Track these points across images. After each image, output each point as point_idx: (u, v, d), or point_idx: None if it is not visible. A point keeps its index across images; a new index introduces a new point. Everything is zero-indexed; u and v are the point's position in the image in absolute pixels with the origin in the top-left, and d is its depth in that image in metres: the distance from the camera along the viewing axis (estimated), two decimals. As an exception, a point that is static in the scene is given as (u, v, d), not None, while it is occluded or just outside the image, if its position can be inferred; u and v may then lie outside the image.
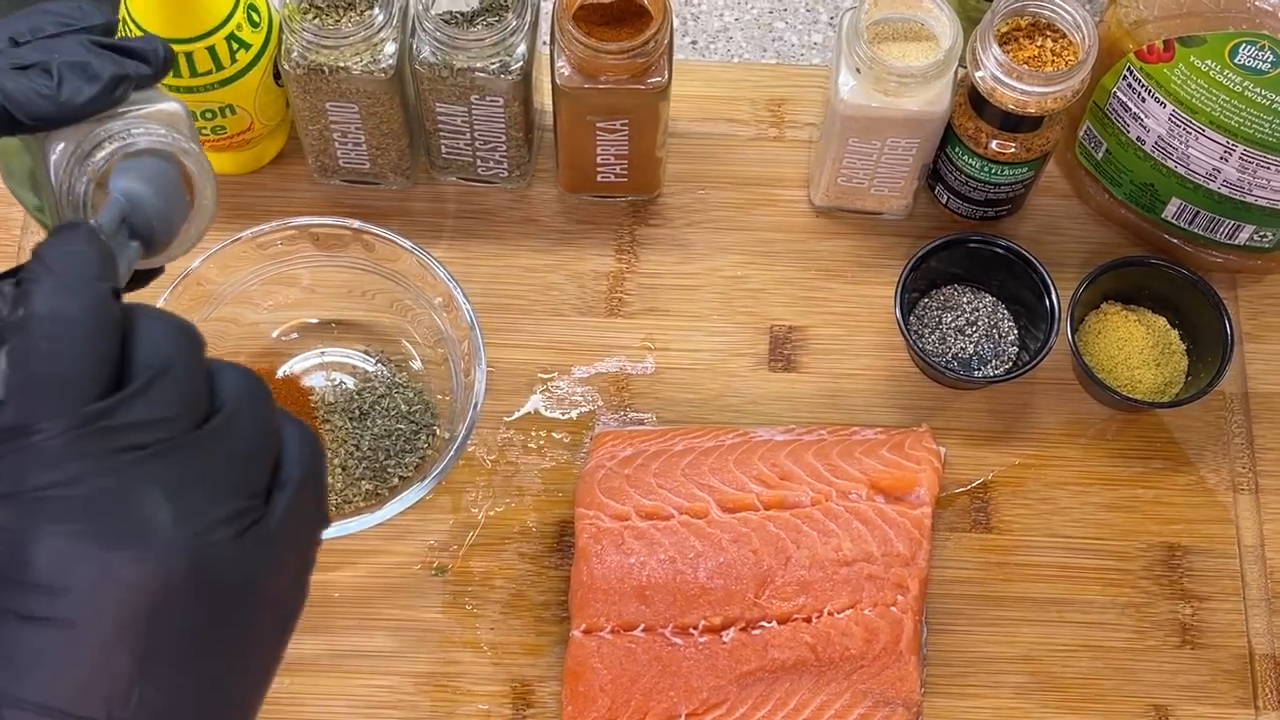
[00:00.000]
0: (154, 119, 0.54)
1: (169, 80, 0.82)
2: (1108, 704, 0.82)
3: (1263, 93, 0.77)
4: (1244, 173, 0.82)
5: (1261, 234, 0.88)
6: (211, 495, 0.41)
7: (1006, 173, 0.86)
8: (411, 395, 0.86)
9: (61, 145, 0.53)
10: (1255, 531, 0.86)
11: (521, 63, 0.82)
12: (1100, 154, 0.89)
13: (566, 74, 0.82)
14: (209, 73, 0.82)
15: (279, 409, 0.45)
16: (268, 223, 0.84)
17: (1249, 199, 0.84)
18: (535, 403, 0.88)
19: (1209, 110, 0.80)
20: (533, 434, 0.87)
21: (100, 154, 0.52)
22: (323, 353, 0.88)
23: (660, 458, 0.84)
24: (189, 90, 0.83)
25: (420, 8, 0.81)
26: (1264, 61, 0.76)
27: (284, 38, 0.82)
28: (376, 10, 0.81)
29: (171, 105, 0.55)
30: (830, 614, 0.79)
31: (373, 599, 0.83)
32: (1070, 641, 0.83)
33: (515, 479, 0.86)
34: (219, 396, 0.43)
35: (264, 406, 0.44)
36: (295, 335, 0.89)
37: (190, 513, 0.40)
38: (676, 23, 1.00)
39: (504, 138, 0.88)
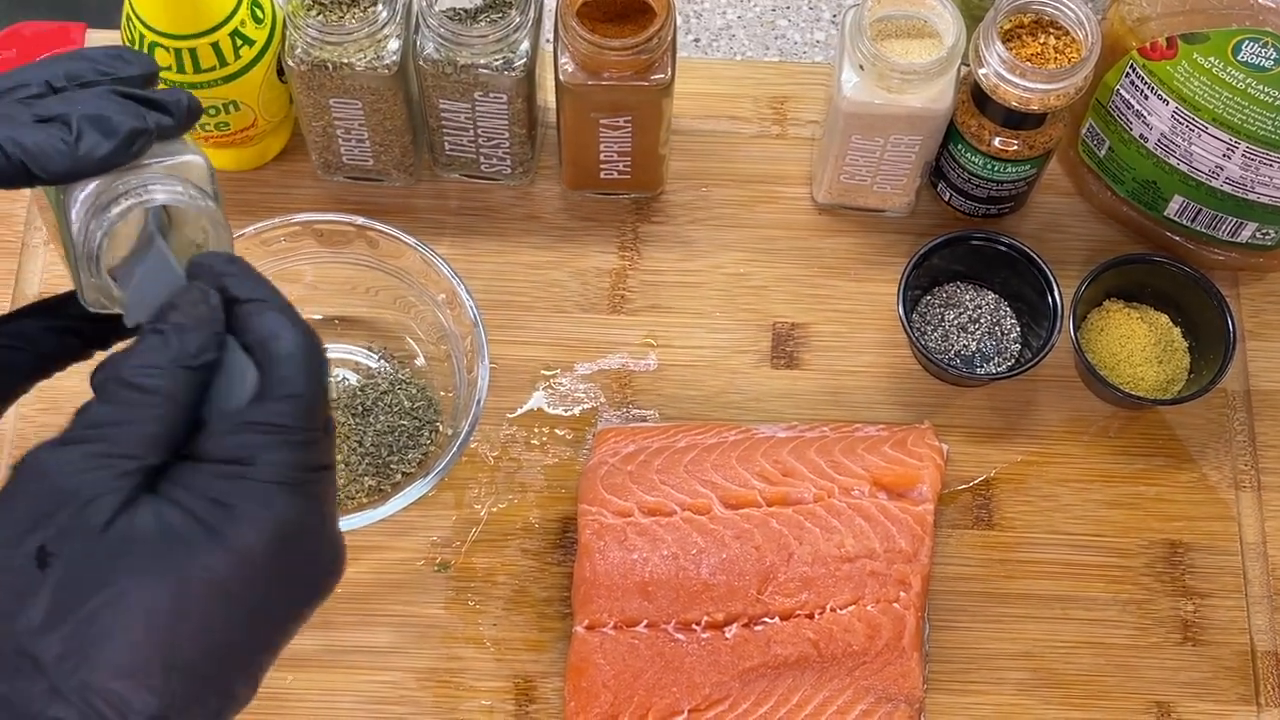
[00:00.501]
0: (174, 172, 0.54)
1: (171, 74, 0.82)
2: (1110, 700, 0.82)
3: (1266, 90, 0.77)
4: (1247, 170, 0.82)
5: (1264, 231, 0.88)
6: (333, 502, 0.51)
7: (1009, 170, 0.86)
8: (414, 392, 0.86)
9: (82, 196, 0.53)
10: (1257, 528, 0.86)
11: (525, 59, 0.82)
12: (1103, 151, 0.89)
13: (570, 70, 0.82)
14: (212, 69, 0.82)
15: None
16: (271, 219, 0.84)
17: (1251, 196, 0.85)
18: (538, 399, 0.88)
19: (1212, 107, 0.80)
20: (535, 430, 0.87)
21: (115, 210, 0.53)
22: (326, 349, 0.88)
23: (663, 454, 0.84)
24: (192, 86, 0.83)
25: (424, 4, 0.81)
26: (1267, 59, 0.76)
27: (288, 34, 0.82)
28: (380, 6, 0.81)
29: (194, 158, 0.55)
30: (833, 610, 0.79)
31: (375, 595, 0.83)
32: (1072, 638, 0.83)
33: (518, 475, 0.86)
34: None
35: None
36: (298, 331, 0.89)
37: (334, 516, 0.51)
38: (679, 20, 1.00)
39: (507, 134, 0.88)
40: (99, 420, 0.47)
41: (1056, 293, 0.86)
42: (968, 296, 0.90)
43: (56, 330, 0.57)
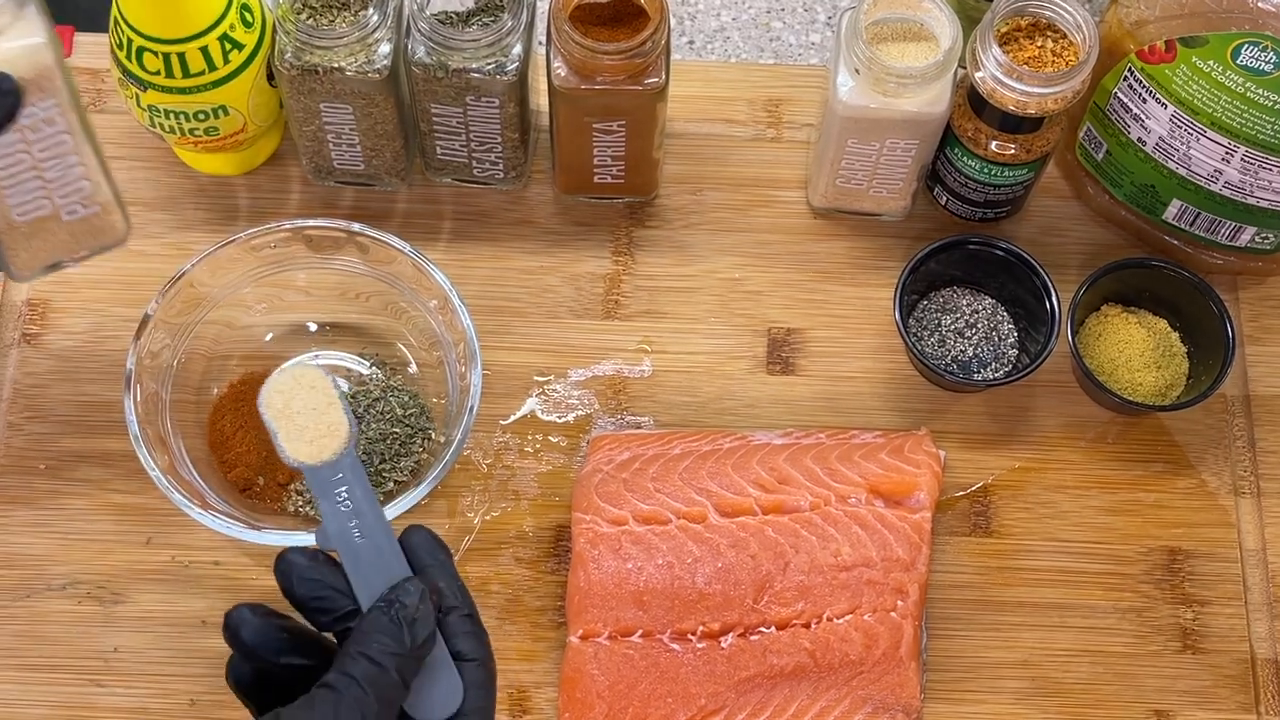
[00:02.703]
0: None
1: (160, 79, 0.81)
2: (1108, 709, 0.82)
3: (1265, 94, 0.77)
4: (1246, 174, 0.82)
5: (1263, 236, 0.87)
6: None
7: (1006, 174, 0.86)
8: (407, 399, 0.85)
9: None
10: (1257, 535, 0.86)
11: (517, 63, 0.81)
12: (1100, 155, 0.88)
13: (563, 75, 0.81)
14: (201, 73, 0.81)
15: None
16: (261, 225, 0.83)
17: (1250, 201, 0.84)
18: (531, 406, 0.87)
19: (1210, 111, 0.79)
20: (529, 438, 0.87)
21: None
22: (317, 356, 0.88)
23: (657, 462, 0.83)
24: (181, 91, 0.82)
25: (415, 8, 0.80)
26: (1266, 62, 0.75)
27: (277, 38, 0.82)
28: (371, 10, 0.81)
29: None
30: (829, 619, 0.79)
31: (368, 604, 0.82)
32: (1071, 646, 0.83)
33: (511, 483, 0.85)
34: None
35: None
36: (289, 338, 0.88)
37: None
38: (673, 22, 0.99)
39: (500, 139, 0.87)
40: (341, 690, 0.53)
41: (1054, 297, 0.85)
42: (965, 301, 0.89)
43: None
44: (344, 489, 0.59)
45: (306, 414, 0.60)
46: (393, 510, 0.78)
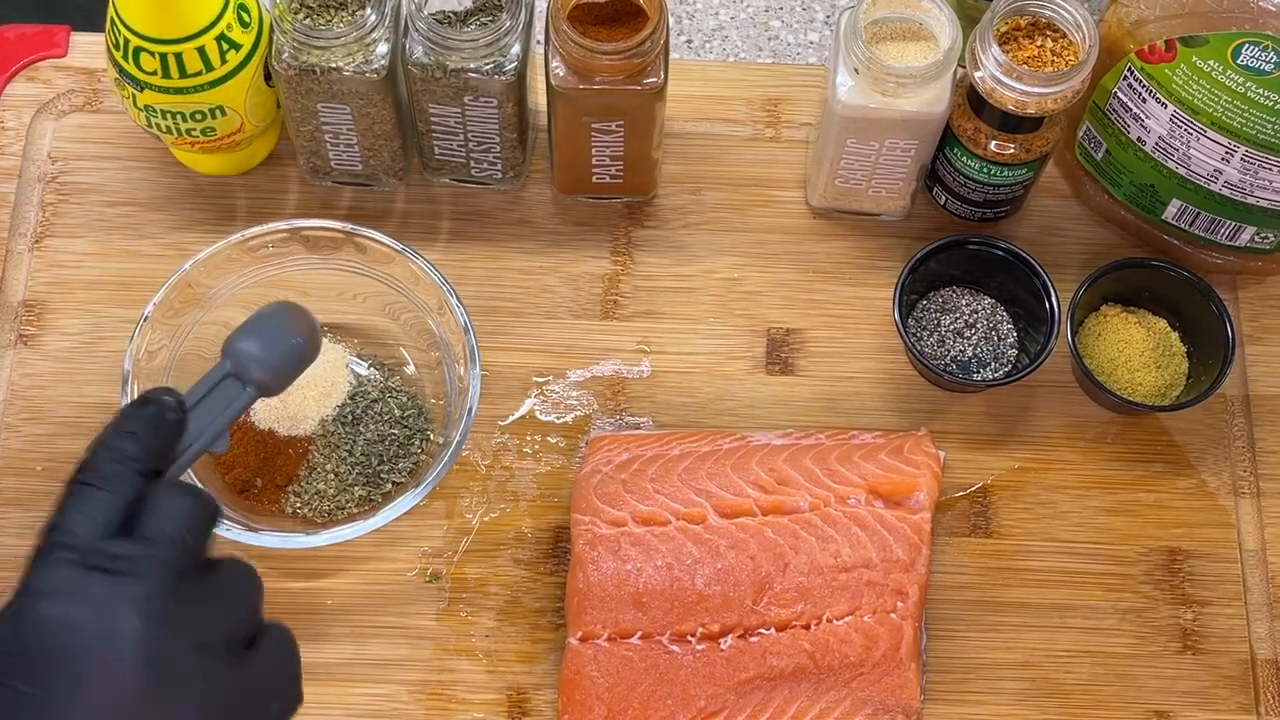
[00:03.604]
0: None
1: (157, 79, 0.81)
2: (1109, 710, 0.81)
3: (1265, 94, 0.76)
4: (1245, 174, 0.82)
5: (1263, 235, 0.87)
6: (188, 627, 0.52)
7: (1005, 174, 0.85)
8: (405, 400, 0.85)
9: None
10: (1257, 535, 0.86)
11: (516, 63, 0.81)
12: (1100, 154, 0.88)
13: (561, 74, 0.81)
14: (198, 74, 0.81)
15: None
16: (258, 225, 0.83)
17: (1250, 200, 0.84)
18: (530, 406, 0.87)
19: (1210, 111, 0.79)
20: (528, 438, 0.86)
21: None
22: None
23: (657, 463, 0.83)
24: (178, 91, 0.81)
25: (413, 7, 0.80)
26: (1267, 62, 0.75)
27: (275, 38, 0.81)
28: (368, 10, 0.80)
29: None
30: (829, 621, 0.79)
31: (366, 606, 0.82)
32: (1071, 647, 0.83)
33: (510, 484, 0.85)
34: (220, 567, 0.55)
35: (253, 596, 0.56)
36: (287, 339, 0.88)
37: (160, 636, 0.51)
38: (671, 22, 0.99)
39: (498, 139, 0.87)
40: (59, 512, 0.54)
41: (1053, 297, 0.85)
42: (964, 301, 0.89)
43: None
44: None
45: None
46: (391, 512, 0.77)
